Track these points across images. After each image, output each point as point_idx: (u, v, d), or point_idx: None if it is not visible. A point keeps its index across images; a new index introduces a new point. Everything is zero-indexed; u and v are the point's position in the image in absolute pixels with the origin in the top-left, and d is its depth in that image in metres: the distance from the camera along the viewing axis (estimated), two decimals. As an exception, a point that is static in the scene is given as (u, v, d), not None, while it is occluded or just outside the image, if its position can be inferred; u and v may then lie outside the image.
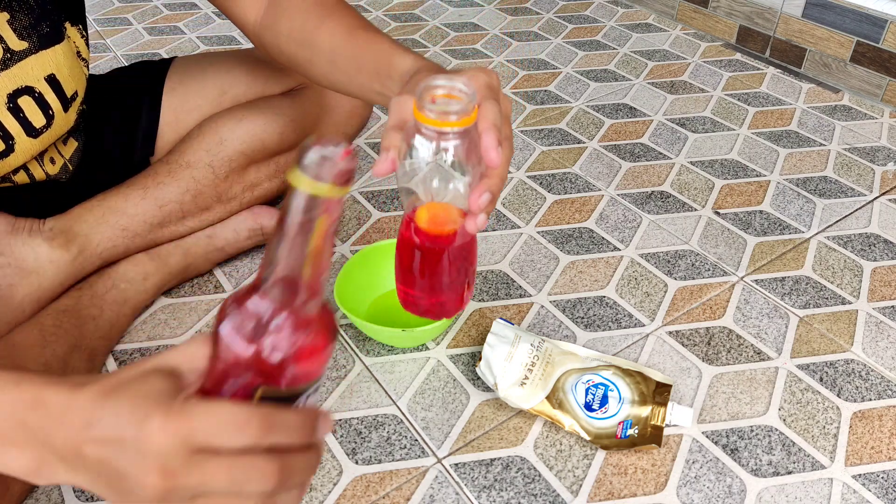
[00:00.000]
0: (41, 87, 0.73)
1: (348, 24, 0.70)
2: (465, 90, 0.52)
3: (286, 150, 0.95)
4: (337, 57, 0.70)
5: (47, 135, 0.74)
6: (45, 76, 0.73)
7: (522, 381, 0.76)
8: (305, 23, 0.72)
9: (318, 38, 0.71)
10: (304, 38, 0.72)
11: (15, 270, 0.75)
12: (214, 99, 0.93)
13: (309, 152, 0.37)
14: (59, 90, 0.74)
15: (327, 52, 0.70)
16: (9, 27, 0.69)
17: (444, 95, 0.52)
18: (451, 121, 0.50)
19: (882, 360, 0.85)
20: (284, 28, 0.74)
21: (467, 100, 0.51)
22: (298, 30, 0.73)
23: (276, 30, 0.75)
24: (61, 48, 0.74)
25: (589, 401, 0.75)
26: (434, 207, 0.57)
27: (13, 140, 0.71)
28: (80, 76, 0.78)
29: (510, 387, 0.76)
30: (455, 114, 0.50)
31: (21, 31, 0.70)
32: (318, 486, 0.71)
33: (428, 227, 0.58)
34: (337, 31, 0.70)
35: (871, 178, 1.15)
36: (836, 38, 1.39)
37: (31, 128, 0.72)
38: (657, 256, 0.99)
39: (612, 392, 0.76)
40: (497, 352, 0.77)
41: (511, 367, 0.77)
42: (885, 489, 0.71)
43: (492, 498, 0.70)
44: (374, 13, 1.72)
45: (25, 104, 0.71)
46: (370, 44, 0.67)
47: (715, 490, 0.71)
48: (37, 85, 0.72)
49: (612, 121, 1.30)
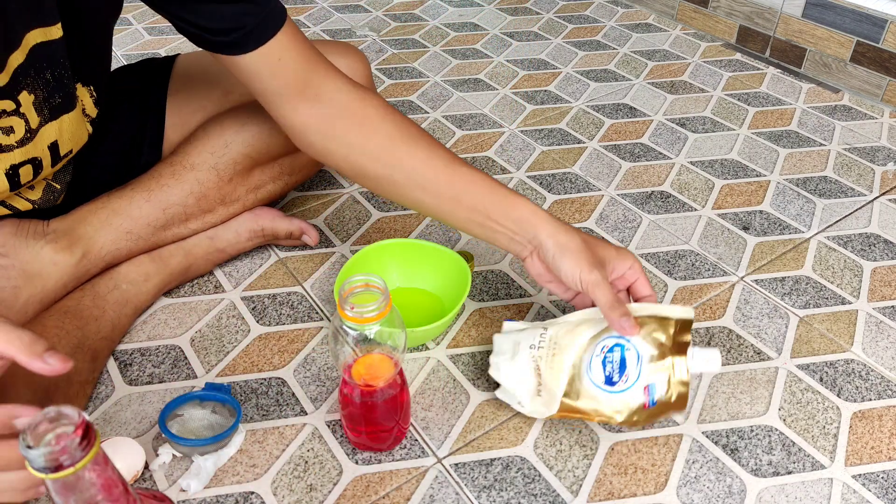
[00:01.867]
0: (43, 156, 0.73)
1: (445, 157, 0.76)
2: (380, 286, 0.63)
3: (291, 152, 0.95)
4: (430, 184, 0.75)
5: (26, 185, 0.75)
6: (48, 145, 0.73)
7: (538, 391, 0.71)
8: (390, 143, 0.76)
9: (405, 163, 0.75)
10: (388, 160, 0.76)
11: (19, 272, 0.76)
12: (218, 99, 0.93)
13: (31, 453, 0.38)
14: (56, 153, 0.75)
15: (420, 179, 0.75)
16: (32, 107, 0.69)
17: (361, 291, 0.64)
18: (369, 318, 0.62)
19: (882, 360, 0.85)
20: (357, 142, 0.76)
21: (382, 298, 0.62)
22: (381, 148, 0.76)
23: (341, 140, 0.76)
24: (69, 116, 0.74)
25: (609, 374, 0.66)
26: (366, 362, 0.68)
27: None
28: (81, 136, 0.78)
29: (531, 401, 0.72)
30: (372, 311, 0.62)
31: (38, 106, 0.70)
32: (318, 486, 0.71)
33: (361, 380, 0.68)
34: (431, 161, 0.75)
35: (871, 178, 1.15)
36: (836, 38, 1.39)
37: (17, 185, 0.73)
38: (657, 256, 1.00)
39: (630, 351, 0.66)
40: (503, 372, 0.74)
41: (523, 379, 0.72)
42: (885, 489, 0.71)
43: (492, 498, 0.70)
44: (374, 13, 1.72)
45: (24, 171, 0.72)
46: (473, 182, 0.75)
47: (715, 490, 0.71)
48: (41, 155, 0.73)
49: (612, 121, 1.30)
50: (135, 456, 0.70)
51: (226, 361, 0.84)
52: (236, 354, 0.84)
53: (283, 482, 0.71)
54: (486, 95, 1.38)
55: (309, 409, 0.78)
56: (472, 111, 1.33)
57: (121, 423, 0.76)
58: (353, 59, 0.98)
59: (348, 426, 0.73)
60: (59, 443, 0.38)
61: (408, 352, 0.85)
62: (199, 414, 0.75)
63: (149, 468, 0.72)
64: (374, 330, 0.64)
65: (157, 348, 0.85)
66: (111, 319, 0.82)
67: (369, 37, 1.61)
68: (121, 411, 0.78)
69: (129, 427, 0.76)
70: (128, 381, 0.81)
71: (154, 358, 0.84)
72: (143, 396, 0.79)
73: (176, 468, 0.72)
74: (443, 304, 0.90)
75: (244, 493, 0.70)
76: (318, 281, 0.95)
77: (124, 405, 0.78)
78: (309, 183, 1.13)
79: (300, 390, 0.80)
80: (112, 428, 0.76)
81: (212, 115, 0.93)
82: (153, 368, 0.83)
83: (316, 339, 0.87)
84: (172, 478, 0.71)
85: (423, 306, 0.90)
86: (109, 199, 0.84)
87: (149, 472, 0.72)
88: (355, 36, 1.61)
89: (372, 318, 0.62)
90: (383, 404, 0.69)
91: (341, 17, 1.70)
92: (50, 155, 0.74)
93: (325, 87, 0.75)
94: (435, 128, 1.28)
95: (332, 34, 1.62)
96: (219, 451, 0.73)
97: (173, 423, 0.74)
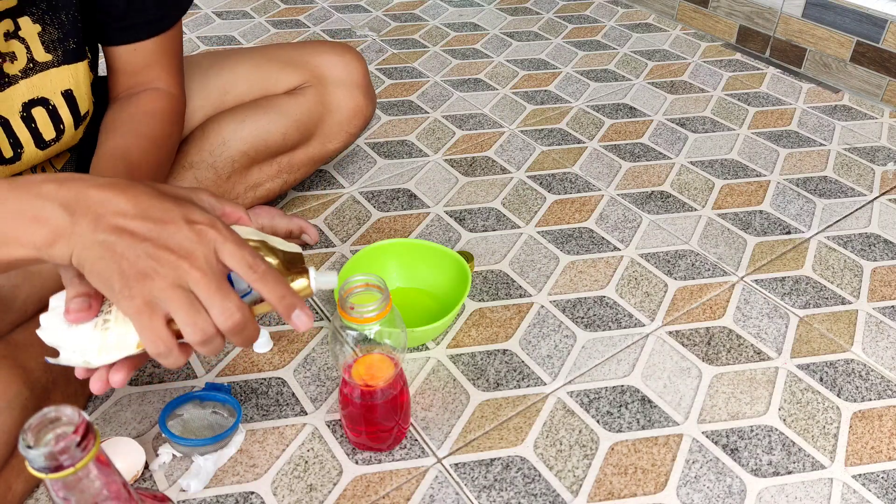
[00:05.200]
0: (56, 101, 0.73)
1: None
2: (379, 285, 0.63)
3: (289, 150, 0.95)
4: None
5: (53, 148, 0.75)
6: (62, 90, 0.73)
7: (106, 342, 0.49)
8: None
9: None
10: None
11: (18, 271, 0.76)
12: (217, 99, 0.93)
13: (31, 453, 0.38)
14: (74, 106, 0.75)
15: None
16: (38, 39, 0.70)
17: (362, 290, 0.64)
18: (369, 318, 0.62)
19: (882, 360, 0.85)
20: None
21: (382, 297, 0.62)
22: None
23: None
24: (83, 66, 0.75)
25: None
26: (366, 362, 0.68)
27: (22, 149, 0.72)
28: (90, 98, 0.79)
29: (101, 353, 0.50)
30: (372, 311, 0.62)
31: (49, 43, 0.71)
32: (318, 486, 0.71)
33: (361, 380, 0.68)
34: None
35: (871, 178, 1.15)
36: (836, 38, 1.39)
37: (40, 139, 0.73)
38: (657, 256, 1.00)
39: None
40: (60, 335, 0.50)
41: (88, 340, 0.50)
42: (885, 489, 0.71)
43: (492, 498, 0.70)
44: (374, 13, 1.72)
45: (39, 115, 0.72)
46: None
47: (715, 490, 0.71)
48: (52, 98, 0.73)
49: (612, 121, 1.30)
50: (135, 456, 0.70)
51: (226, 361, 0.84)
52: (236, 354, 0.84)
53: (283, 482, 0.71)
54: (486, 95, 1.38)
55: (309, 409, 0.78)
56: (472, 111, 1.33)
57: (121, 423, 0.76)
58: (350, 58, 0.98)
59: (348, 426, 0.73)
60: (59, 443, 0.38)
61: (408, 352, 0.85)
62: (199, 414, 0.75)
63: (149, 468, 0.72)
64: (374, 330, 0.64)
65: (157, 348, 0.85)
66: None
67: (369, 37, 1.61)
68: (121, 411, 0.78)
69: (129, 427, 0.76)
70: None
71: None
72: (143, 396, 0.79)
73: (176, 468, 0.72)
74: (443, 304, 0.90)
75: (244, 493, 0.70)
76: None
77: (124, 405, 0.78)
78: (309, 183, 1.13)
79: (300, 390, 0.80)
80: (112, 428, 0.76)
81: (210, 115, 0.93)
82: (153, 368, 0.82)
83: (316, 339, 0.87)
84: (172, 478, 0.71)
85: (423, 306, 0.90)
86: None
87: (149, 472, 0.72)
88: (355, 36, 1.61)
89: (372, 318, 0.62)
90: (383, 404, 0.69)
91: (341, 17, 1.70)
92: (67, 105, 0.74)
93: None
94: (435, 128, 1.28)
95: (332, 34, 1.62)
96: (219, 451, 0.73)
97: (173, 423, 0.74)
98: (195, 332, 0.46)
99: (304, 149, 0.99)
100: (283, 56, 0.97)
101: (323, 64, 0.97)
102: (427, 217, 1.07)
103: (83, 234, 0.45)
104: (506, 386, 0.81)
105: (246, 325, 0.48)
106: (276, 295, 0.49)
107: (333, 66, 0.97)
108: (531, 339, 0.87)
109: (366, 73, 0.99)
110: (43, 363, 0.70)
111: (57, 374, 0.72)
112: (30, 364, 0.69)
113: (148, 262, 0.45)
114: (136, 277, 0.45)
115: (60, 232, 0.45)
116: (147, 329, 0.45)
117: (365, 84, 0.99)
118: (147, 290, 0.45)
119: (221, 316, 0.46)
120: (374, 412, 0.69)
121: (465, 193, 1.11)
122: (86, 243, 0.45)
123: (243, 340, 0.49)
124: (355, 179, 1.15)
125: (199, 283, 0.46)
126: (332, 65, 0.97)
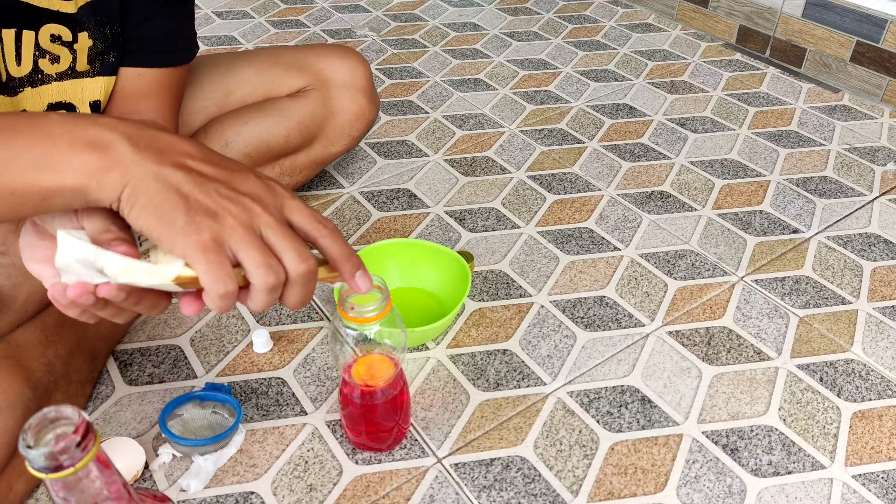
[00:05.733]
0: (83, 110, 0.74)
1: None
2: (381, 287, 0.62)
3: (291, 153, 0.95)
4: None
5: None
6: (91, 100, 0.74)
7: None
8: None
9: None
10: None
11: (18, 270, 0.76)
12: (220, 100, 0.93)
13: (31, 453, 0.38)
14: None
15: None
16: (86, 52, 0.71)
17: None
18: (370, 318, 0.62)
19: (882, 360, 0.85)
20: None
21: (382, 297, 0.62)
22: None
23: None
24: (113, 80, 0.76)
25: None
26: (366, 362, 0.68)
27: None
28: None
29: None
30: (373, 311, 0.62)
31: (93, 56, 0.72)
32: (318, 486, 0.71)
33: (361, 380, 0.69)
34: None
35: (871, 178, 1.15)
36: (836, 38, 1.39)
37: None
38: (657, 256, 1.00)
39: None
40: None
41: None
42: (885, 489, 0.71)
43: (492, 498, 0.70)
44: (374, 13, 1.72)
45: None
46: None
47: (715, 490, 0.71)
48: (80, 106, 0.73)
49: (612, 121, 1.30)
50: (135, 456, 0.70)
51: (226, 361, 0.84)
52: (236, 354, 0.84)
53: (283, 482, 0.71)
54: (486, 95, 1.38)
55: (309, 409, 0.78)
56: (472, 111, 1.33)
57: (121, 423, 0.76)
58: (354, 62, 0.98)
59: (348, 426, 0.73)
60: (58, 443, 0.38)
61: (408, 352, 0.85)
62: (199, 414, 0.75)
63: (149, 468, 0.72)
64: (374, 330, 0.64)
65: (157, 348, 0.85)
66: (111, 319, 0.82)
67: (369, 37, 1.61)
68: (121, 411, 0.78)
69: (129, 427, 0.76)
70: (128, 380, 0.81)
71: (154, 358, 0.84)
72: (143, 396, 0.79)
73: (176, 468, 0.72)
74: (443, 304, 0.90)
75: (244, 493, 0.70)
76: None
77: (124, 405, 0.78)
78: (309, 183, 1.13)
79: (300, 390, 0.80)
80: (112, 428, 0.76)
81: (213, 116, 0.93)
82: (153, 368, 0.83)
83: (316, 339, 0.87)
84: (172, 478, 0.71)
85: (423, 306, 0.90)
86: None
87: (149, 472, 0.72)
88: (355, 36, 1.61)
89: (372, 318, 0.62)
90: (383, 404, 0.69)
91: (341, 17, 1.70)
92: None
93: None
94: (435, 128, 1.28)
95: (332, 34, 1.62)
96: (219, 451, 0.73)
97: (173, 423, 0.74)
98: (267, 275, 0.43)
99: (307, 151, 0.99)
100: (286, 59, 0.97)
101: (326, 67, 0.97)
102: (427, 217, 1.07)
103: (145, 166, 0.42)
104: (506, 386, 0.81)
105: (314, 275, 0.46)
106: (346, 252, 0.47)
107: (337, 70, 0.97)
108: (531, 339, 0.87)
109: (369, 76, 0.99)
110: (43, 363, 0.71)
111: (58, 375, 0.72)
112: (31, 364, 0.69)
113: (218, 200, 0.43)
114: (204, 213, 0.42)
115: (119, 160, 0.42)
116: (214, 265, 0.42)
117: (368, 87, 1.00)
118: (216, 227, 0.43)
119: (297, 259, 0.44)
120: (374, 412, 0.70)
121: (465, 193, 1.12)
122: (146, 175, 0.42)
123: (305, 294, 0.46)
124: (355, 179, 1.15)
125: (271, 226, 0.44)
126: (335, 68, 0.97)
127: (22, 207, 0.43)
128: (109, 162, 0.42)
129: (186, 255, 0.42)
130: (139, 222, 0.43)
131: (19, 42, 0.66)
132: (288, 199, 0.46)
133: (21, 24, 0.65)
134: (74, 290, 0.43)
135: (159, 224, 0.42)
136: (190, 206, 0.42)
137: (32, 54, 0.67)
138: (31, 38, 0.66)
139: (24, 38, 0.66)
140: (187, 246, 0.42)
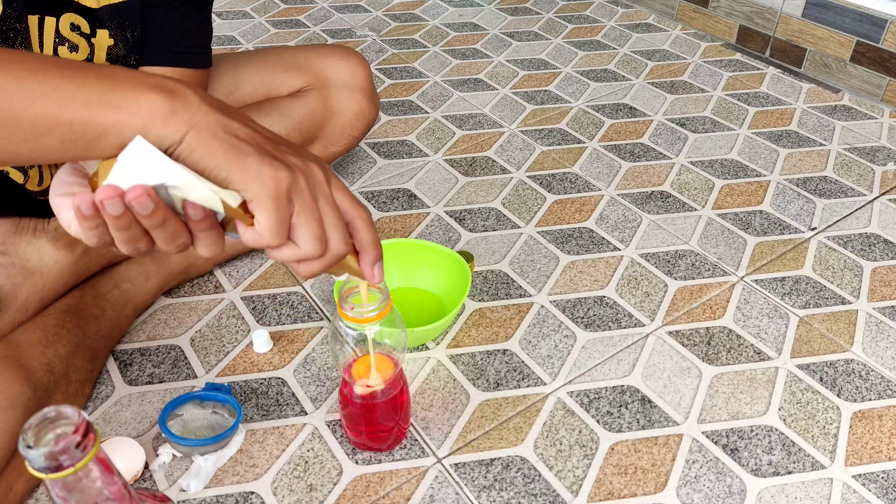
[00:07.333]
0: None
1: None
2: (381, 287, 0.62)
3: None
4: None
5: None
6: None
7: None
8: None
9: None
10: None
11: (19, 270, 0.76)
12: (222, 98, 0.93)
13: (31, 453, 0.37)
14: None
15: None
16: (106, 51, 0.73)
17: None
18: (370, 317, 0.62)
19: (882, 360, 0.85)
20: None
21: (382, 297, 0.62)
22: None
23: None
24: None
25: None
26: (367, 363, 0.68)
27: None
28: None
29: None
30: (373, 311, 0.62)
31: (114, 58, 0.73)
32: (318, 486, 0.71)
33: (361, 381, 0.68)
34: None
35: (871, 178, 1.15)
36: (836, 38, 1.39)
37: None
38: (657, 256, 1.00)
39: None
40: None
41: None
42: (885, 489, 0.71)
43: (492, 498, 0.70)
44: (374, 13, 1.72)
45: None
46: None
47: (715, 490, 0.71)
48: None
49: (612, 121, 1.30)
50: (135, 456, 0.70)
51: (226, 361, 0.84)
52: (236, 354, 0.84)
53: (283, 482, 0.71)
54: (486, 95, 1.38)
55: (309, 409, 0.78)
56: (472, 111, 1.33)
57: (121, 423, 0.76)
58: (354, 62, 0.98)
59: (348, 426, 0.73)
60: (58, 443, 0.38)
61: (408, 352, 0.85)
62: (199, 414, 0.75)
63: (149, 468, 0.72)
64: (374, 330, 0.64)
65: (157, 348, 0.85)
66: (111, 319, 0.82)
67: (369, 37, 1.61)
68: (121, 411, 0.78)
69: (129, 427, 0.76)
70: (128, 381, 0.81)
71: (154, 358, 0.84)
72: (143, 396, 0.79)
73: (176, 468, 0.72)
74: (443, 304, 0.90)
75: (244, 493, 0.70)
76: (319, 281, 0.95)
77: (124, 405, 0.78)
78: (309, 183, 1.13)
79: (300, 390, 0.80)
80: (112, 428, 0.76)
81: None
82: (153, 368, 0.83)
83: (316, 339, 0.87)
84: (172, 478, 0.71)
85: (423, 306, 0.90)
86: None
87: (149, 472, 0.72)
88: (355, 36, 1.61)
89: (372, 318, 0.62)
90: (383, 404, 0.69)
91: (341, 17, 1.70)
92: None
93: None
94: (435, 128, 1.28)
95: (332, 34, 1.62)
96: (219, 451, 0.73)
97: (173, 423, 0.74)
98: (317, 248, 0.44)
99: None
100: (287, 59, 0.97)
101: (327, 67, 0.97)
102: (427, 217, 1.07)
103: (213, 115, 0.42)
104: (506, 386, 0.81)
105: (344, 259, 0.48)
106: (375, 240, 0.49)
107: (337, 70, 0.97)
108: (531, 339, 0.87)
109: (369, 76, 1.00)
110: (43, 363, 0.71)
111: (58, 375, 0.72)
112: (32, 364, 0.69)
113: (289, 157, 0.44)
114: (279, 166, 0.42)
115: (186, 105, 0.42)
116: (281, 219, 0.42)
117: (368, 87, 1.00)
118: (291, 182, 0.43)
119: (342, 241, 0.46)
120: (374, 412, 0.70)
121: (465, 193, 1.12)
122: (214, 122, 0.42)
123: (323, 270, 0.47)
124: (355, 179, 1.15)
125: (329, 201, 0.45)
126: (335, 68, 0.97)
127: (74, 144, 0.42)
128: (177, 104, 0.42)
129: (257, 198, 0.42)
130: (204, 163, 0.42)
131: (42, 28, 0.67)
132: (333, 178, 0.47)
133: (45, 11, 0.66)
134: (105, 192, 0.41)
135: (230, 165, 0.42)
136: (263, 155, 0.42)
137: (53, 41, 0.68)
138: (53, 25, 0.67)
139: (47, 23, 0.67)
140: (260, 191, 0.42)
